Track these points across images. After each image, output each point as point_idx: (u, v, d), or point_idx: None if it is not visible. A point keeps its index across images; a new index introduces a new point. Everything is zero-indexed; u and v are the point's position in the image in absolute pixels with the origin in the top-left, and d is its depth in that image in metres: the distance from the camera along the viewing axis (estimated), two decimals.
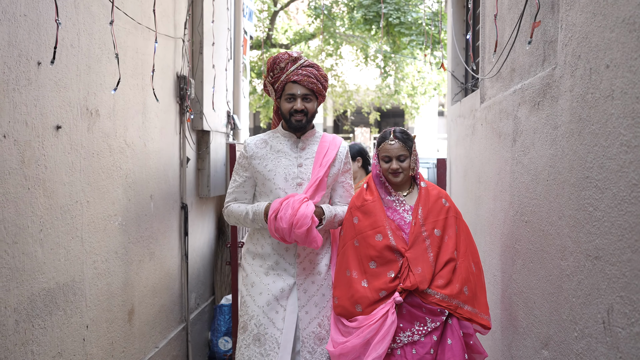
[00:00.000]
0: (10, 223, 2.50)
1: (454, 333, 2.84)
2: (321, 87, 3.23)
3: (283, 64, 3.21)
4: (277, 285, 3.17)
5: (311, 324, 3.19)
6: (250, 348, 3.15)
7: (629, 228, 1.59)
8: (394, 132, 3.08)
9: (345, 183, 3.39)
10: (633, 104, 1.56)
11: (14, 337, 2.54)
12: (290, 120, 3.20)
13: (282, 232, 3.00)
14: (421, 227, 2.95)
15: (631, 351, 1.58)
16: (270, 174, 3.20)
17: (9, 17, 2.49)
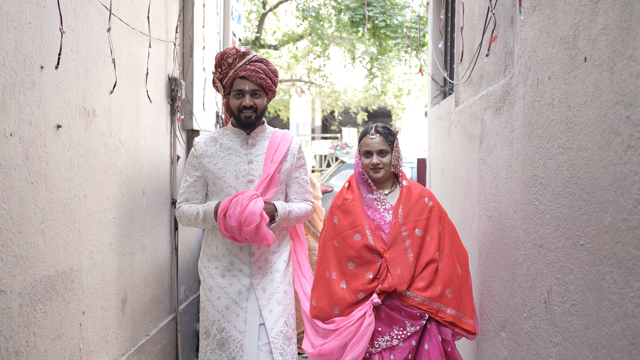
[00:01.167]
0: (15, 214, 2.72)
1: (432, 338, 2.79)
2: (270, 83, 3.17)
3: (231, 60, 3.15)
4: (234, 287, 3.13)
5: (278, 322, 3.13)
6: (216, 353, 3.13)
7: (563, 219, 1.84)
8: (375, 127, 3.05)
9: (300, 179, 3.32)
10: (567, 111, 1.81)
11: (18, 320, 2.75)
12: (240, 117, 3.16)
13: (231, 230, 2.95)
14: (401, 226, 2.89)
15: (564, 325, 1.83)
16: (221, 172, 3.16)
17: (15, 25, 2.70)
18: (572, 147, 1.77)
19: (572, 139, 1.77)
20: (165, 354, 4.80)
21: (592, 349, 1.61)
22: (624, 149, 1.41)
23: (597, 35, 1.57)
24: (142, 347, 4.26)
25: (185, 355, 5.24)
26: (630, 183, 1.38)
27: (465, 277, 2.95)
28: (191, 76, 5.13)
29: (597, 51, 1.57)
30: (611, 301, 1.49)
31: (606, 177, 1.51)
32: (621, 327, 1.43)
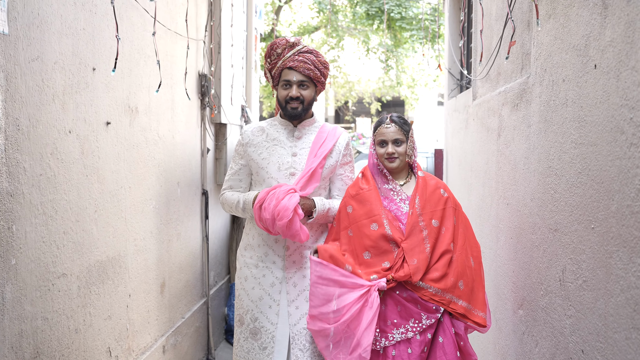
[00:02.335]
0: (73, 205, 2.98)
1: (446, 331, 2.79)
2: (319, 74, 3.14)
3: (280, 50, 3.14)
4: (267, 279, 3.14)
5: (302, 319, 3.11)
6: (249, 341, 3.16)
7: (576, 206, 2.08)
8: (390, 116, 3.03)
9: (345, 176, 3.28)
10: (579, 111, 2.04)
11: (77, 300, 3.03)
12: (286, 108, 3.13)
13: (265, 222, 2.94)
14: (418, 217, 2.87)
15: (577, 299, 2.08)
16: (264, 163, 3.15)
17: (72, 31, 2.95)
18: (584, 143, 2.01)
19: (584, 135, 2.00)
20: (198, 335, 5.08)
21: (601, 318, 1.86)
22: (628, 146, 1.65)
23: (605, 46, 1.81)
24: (178, 329, 4.54)
25: (216, 338, 5.52)
26: (633, 175, 1.62)
27: (478, 269, 2.92)
28: (219, 72, 5.38)
29: (606, 60, 1.81)
30: (617, 276, 1.73)
31: (613, 170, 1.76)
32: (625, 297, 1.68)
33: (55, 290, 2.80)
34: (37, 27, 2.62)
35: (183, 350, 4.66)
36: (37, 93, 2.62)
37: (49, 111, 2.73)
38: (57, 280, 2.81)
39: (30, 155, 2.58)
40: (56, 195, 2.79)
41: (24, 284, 2.55)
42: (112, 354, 3.41)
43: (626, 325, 1.67)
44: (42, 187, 2.68)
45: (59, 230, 2.83)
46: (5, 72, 2.40)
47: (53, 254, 2.78)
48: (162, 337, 4.21)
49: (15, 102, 2.46)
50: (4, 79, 2.40)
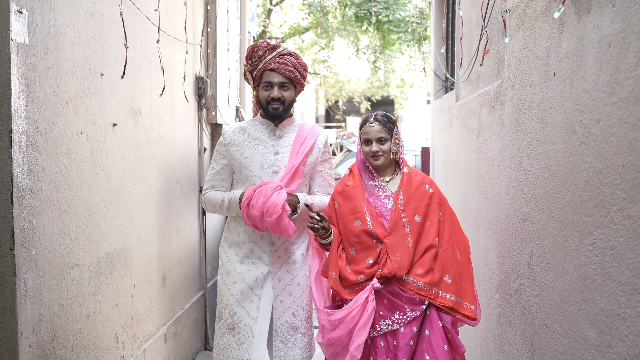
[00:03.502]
0: (84, 200, 3.22)
1: (432, 324, 2.84)
2: (299, 76, 3.21)
3: (261, 52, 3.21)
4: (251, 274, 3.19)
5: (285, 313, 3.19)
6: (225, 337, 3.20)
7: (541, 197, 2.35)
8: (375, 115, 3.08)
9: (324, 172, 3.37)
10: (542, 113, 2.31)
11: (88, 289, 3.27)
12: (268, 109, 3.21)
13: (254, 219, 3.01)
14: (401, 213, 2.93)
15: (541, 279, 2.35)
16: (247, 162, 3.21)
17: (83, 40, 3.19)
18: (546, 142, 2.27)
19: (546, 135, 2.27)
20: (196, 326, 5.33)
21: (560, 294, 2.12)
22: (578, 144, 1.92)
23: (562, 57, 2.07)
24: (178, 319, 4.79)
25: (213, 329, 5.77)
26: (582, 169, 1.89)
27: (466, 263, 2.96)
28: (215, 75, 5.62)
29: (562, 69, 2.07)
30: (571, 256, 2.00)
31: (568, 165, 2.02)
32: (577, 275, 1.94)
33: (69, 279, 3.04)
34: (52, 37, 2.86)
35: (183, 339, 4.91)
36: (52, 97, 2.86)
37: (63, 114, 2.96)
38: (70, 269, 3.05)
39: (47, 155, 2.82)
40: (70, 192, 3.03)
41: (43, 273, 2.79)
42: (119, 340, 3.65)
43: (578, 298, 1.94)
44: (58, 184, 2.92)
45: (72, 224, 3.07)
46: (26, 79, 2.64)
47: (67, 246, 3.02)
48: (164, 326, 4.45)
49: (34, 106, 2.70)
50: (25, 86, 2.64)
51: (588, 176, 1.85)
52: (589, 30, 1.82)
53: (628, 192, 1.58)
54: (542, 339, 2.33)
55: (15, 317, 2.60)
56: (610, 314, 1.69)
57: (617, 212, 1.65)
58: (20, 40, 2.60)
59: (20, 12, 2.58)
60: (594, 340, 1.81)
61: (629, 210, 1.58)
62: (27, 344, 2.67)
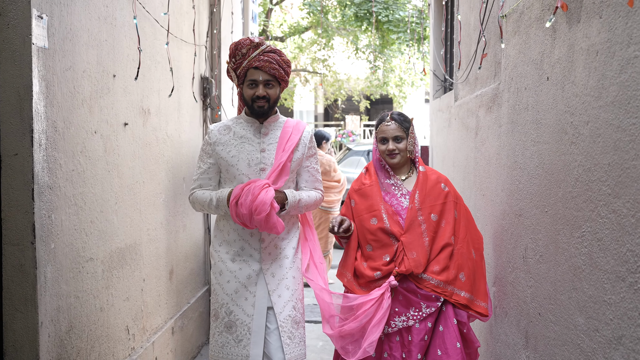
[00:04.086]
0: (98, 197, 3.36)
1: (447, 320, 2.86)
2: (283, 73, 3.20)
3: (245, 50, 3.19)
4: (243, 272, 3.20)
5: (286, 307, 3.19)
6: (223, 335, 3.22)
7: (535, 194, 2.49)
8: (391, 114, 3.11)
9: (311, 167, 3.37)
10: (536, 115, 2.45)
11: (102, 282, 3.41)
12: (253, 107, 3.20)
13: (242, 217, 3.02)
14: (417, 211, 2.96)
15: (535, 271, 2.49)
16: (234, 160, 3.21)
17: (97, 42, 3.33)
18: (540, 142, 2.41)
19: (540, 135, 2.41)
20: (201, 320, 5.47)
21: (552, 284, 2.27)
22: (569, 144, 2.06)
23: (555, 63, 2.21)
24: (184, 313, 4.93)
25: None
26: (573, 167, 2.03)
27: (479, 261, 2.99)
28: (219, 75, 5.76)
29: (555, 74, 2.21)
30: (562, 248, 2.14)
31: (559, 163, 2.16)
32: (568, 265, 2.09)
33: (84, 272, 3.18)
34: (69, 41, 2.99)
35: (189, 332, 5.05)
36: (69, 98, 3.00)
37: (79, 114, 3.10)
38: (86, 263, 3.19)
39: (64, 153, 2.95)
40: (85, 189, 3.17)
41: (61, 266, 2.93)
42: (129, 332, 3.79)
43: (569, 287, 2.08)
44: (74, 181, 3.05)
45: (87, 220, 3.21)
46: (46, 81, 2.77)
47: (82, 240, 3.16)
48: (171, 320, 4.59)
49: (53, 107, 2.84)
50: (45, 87, 2.77)
51: (578, 174, 1.99)
52: (579, 38, 1.97)
53: (613, 189, 1.72)
54: (535, 327, 2.47)
55: (35, 308, 2.74)
56: (598, 301, 1.83)
57: (603, 207, 1.79)
58: (41, 44, 2.73)
59: (40, 17, 2.72)
60: (583, 326, 1.96)
61: (613, 204, 1.72)
62: (46, 333, 2.81)
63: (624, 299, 1.65)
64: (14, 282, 2.73)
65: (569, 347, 2.09)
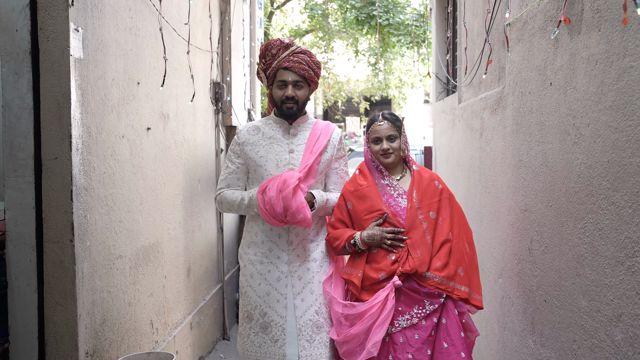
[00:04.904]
0: (125, 198, 3.56)
1: (449, 313, 2.90)
2: (313, 74, 3.20)
3: (274, 51, 3.19)
4: (272, 274, 3.21)
5: (308, 311, 3.18)
6: (259, 336, 3.23)
7: (540, 190, 2.69)
8: (382, 114, 3.11)
9: (339, 169, 3.36)
10: (540, 117, 2.66)
11: (129, 278, 3.60)
12: (282, 107, 3.19)
13: (270, 204, 2.99)
14: (417, 210, 2.98)
15: (540, 262, 2.69)
16: (262, 160, 3.20)
17: (123, 52, 3.52)
18: (544, 142, 2.62)
19: (544, 136, 2.62)
20: (216, 317, 5.67)
21: (557, 273, 2.47)
22: (571, 144, 2.27)
23: (557, 70, 2.42)
24: (201, 309, 5.13)
25: (230, 320, 6.11)
26: (575, 165, 2.23)
27: (472, 254, 3.03)
28: (230, 80, 5.96)
29: (558, 80, 2.42)
30: (566, 239, 2.34)
31: (563, 161, 2.37)
32: (572, 254, 2.29)
33: (115, 268, 3.38)
34: (100, 51, 3.19)
35: (205, 328, 5.25)
36: (101, 105, 3.20)
37: (109, 120, 3.30)
38: (116, 260, 3.39)
39: (97, 157, 3.16)
40: (114, 190, 3.37)
41: (95, 262, 3.13)
42: (153, 326, 3.99)
43: (572, 274, 2.29)
44: (105, 183, 3.26)
45: (117, 219, 3.41)
46: (81, 90, 2.98)
47: (113, 239, 3.36)
48: (189, 315, 4.79)
49: (87, 113, 3.04)
50: (81, 95, 2.97)
51: (580, 171, 2.20)
52: (580, 48, 2.17)
53: (612, 183, 1.93)
54: (541, 313, 2.68)
55: (74, 301, 2.94)
56: (599, 284, 2.04)
57: (603, 200, 2.00)
58: (77, 55, 2.94)
59: (77, 30, 2.92)
60: (586, 308, 2.16)
61: (612, 197, 1.92)
62: (84, 325, 3.01)
63: (622, 281, 1.86)
64: (54, 277, 2.93)
65: (573, 329, 2.29)
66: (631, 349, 1.80)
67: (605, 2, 1.94)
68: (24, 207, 2.92)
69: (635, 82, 1.74)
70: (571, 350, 2.31)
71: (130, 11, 3.56)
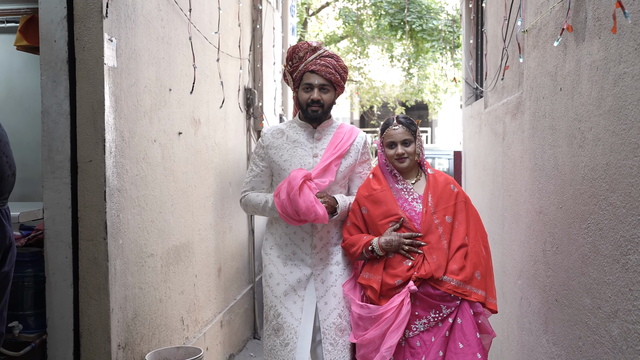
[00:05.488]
0: (157, 199, 3.72)
1: (464, 313, 2.88)
2: (339, 78, 3.19)
3: (302, 53, 3.19)
4: (294, 275, 3.19)
5: (331, 314, 3.17)
6: (271, 338, 3.21)
7: (552, 192, 2.77)
8: (397, 117, 3.08)
9: (363, 174, 3.33)
10: (552, 121, 2.74)
11: (161, 276, 3.77)
12: (307, 111, 3.18)
13: (282, 206, 3.02)
14: (432, 215, 2.96)
15: (553, 261, 2.77)
16: (286, 164, 3.20)
17: (156, 60, 3.70)
18: (555, 145, 2.70)
19: (555, 140, 2.70)
20: (246, 316, 5.83)
21: (566, 273, 2.55)
22: (577, 147, 2.34)
23: (566, 75, 2.50)
24: (231, 308, 5.28)
25: (260, 320, 6.26)
26: (580, 167, 2.31)
27: (488, 258, 3.01)
28: (261, 86, 6.13)
29: (566, 85, 2.50)
30: (574, 239, 2.42)
31: (570, 164, 2.45)
32: (578, 254, 2.37)
33: (146, 266, 3.54)
34: (133, 60, 3.37)
35: (235, 327, 5.41)
36: (133, 111, 3.37)
37: (141, 125, 3.47)
38: (147, 258, 3.56)
39: (130, 160, 3.33)
40: (146, 191, 3.54)
41: (127, 260, 3.30)
42: (184, 322, 4.15)
43: (578, 273, 2.36)
44: (138, 184, 3.43)
45: (148, 219, 3.58)
46: (115, 97, 3.15)
47: (145, 238, 3.53)
48: (220, 314, 4.95)
49: (120, 119, 3.22)
50: (115, 102, 3.15)
51: (584, 173, 2.28)
52: (584, 55, 2.25)
53: (610, 185, 2.00)
54: (553, 312, 2.75)
55: (107, 296, 3.11)
56: (600, 282, 2.11)
57: (603, 201, 2.07)
58: (111, 64, 3.11)
59: (110, 40, 3.10)
60: (589, 305, 2.24)
61: (610, 198, 2.00)
62: (116, 319, 3.18)
63: (618, 279, 1.94)
64: (88, 273, 3.10)
65: (579, 326, 2.37)
66: (625, 343, 1.88)
67: (604, 11, 2.02)
68: (61, 207, 3.10)
69: (629, 88, 1.82)
70: (577, 347, 2.38)
71: (162, 21, 3.74)
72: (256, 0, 5.92)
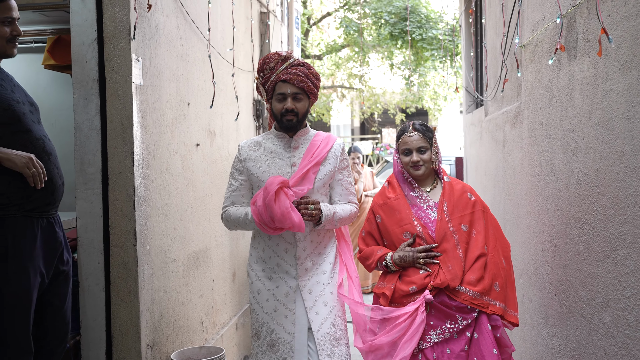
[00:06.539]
0: (178, 207, 3.95)
1: (482, 327, 2.79)
2: (312, 86, 3.16)
3: (272, 64, 3.17)
4: (281, 290, 3.15)
5: (324, 324, 3.10)
6: (267, 354, 3.17)
7: (550, 195, 3.00)
8: (413, 124, 3.03)
9: (344, 180, 3.29)
10: (548, 130, 2.97)
11: (183, 280, 4.00)
12: (282, 121, 3.15)
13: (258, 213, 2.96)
14: (447, 223, 2.89)
15: (551, 260, 3.00)
16: (264, 176, 3.15)
17: (175, 76, 3.93)
18: (552, 152, 2.93)
19: (551, 147, 2.93)
20: None
21: (563, 269, 2.78)
22: (571, 155, 2.58)
23: (560, 89, 2.73)
24: (245, 312, 5.51)
25: None
26: (574, 173, 2.55)
27: (509, 269, 2.91)
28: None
29: (561, 98, 2.73)
30: (570, 239, 2.65)
31: (566, 170, 2.68)
32: (574, 252, 2.60)
33: (170, 271, 3.77)
34: (156, 77, 3.61)
35: (249, 330, 5.63)
36: (157, 125, 3.60)
37: (164, 138, 3.71)
38: (171, 263, 3.78)
39: (154, 171, 3.56)
40: (169, 200, 3.77)
41: (154, 265, 3.53)
42: (203, 324, 4.37)
43: (574, 268, 2.60)
44: (162, 194, 3.66)
45: (171, 227, 3.81)
46: (141, 112, 3.39)
47: (168, 244, 3.75)
48: (235, 317, 5.17)
49: (146, 132, 3.45)
50: (141, 117, 3.38)
51: (578, 178, 2.51)
52: (576, 71, 2.49)
53: (600, 188, 2.24)
54: (552, 307, 2.98)
55: (137, 299, 3.33)
56: (593, 276, 2.35)
57: (594, 203, 2.31)
58: (138, 82, 3.35)
59: (137, 60, 3.34)
60: (584, 298, 2.47)
61: (601, 200, 2.24)
62: (145, 320, 3.40)
63: (609, 272, 2.17)
64: (119, 278, 3.33)
65: (575, 317, 2.60)
66: (616, 329, 2.11)
67: (593, 33, 2.26)
68: (93, 216, 3.33)
69: (615, 103, 2.06)
70: (575, 337, 2.61)
71: (181, 39, 3.98)
72: (264, 16, 6.16)
